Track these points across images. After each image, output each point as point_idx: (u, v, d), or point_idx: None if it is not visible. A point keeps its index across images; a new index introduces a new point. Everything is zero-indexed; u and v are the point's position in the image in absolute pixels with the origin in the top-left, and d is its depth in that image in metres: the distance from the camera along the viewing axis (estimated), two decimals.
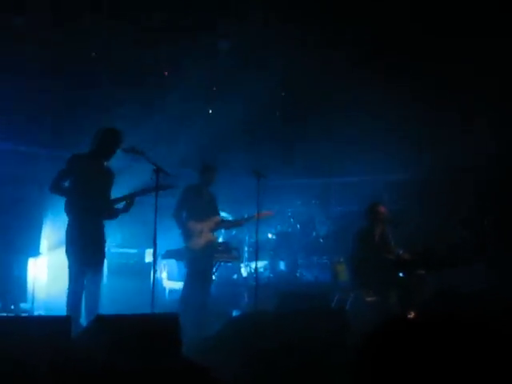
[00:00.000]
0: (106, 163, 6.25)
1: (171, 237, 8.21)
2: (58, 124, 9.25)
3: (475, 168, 9.78)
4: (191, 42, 10.00)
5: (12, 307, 7.23)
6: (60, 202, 6.20)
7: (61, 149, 9.45)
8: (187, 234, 7.49)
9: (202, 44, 10.10)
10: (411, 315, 6.70)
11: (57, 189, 6.03)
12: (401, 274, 7.49)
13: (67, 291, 5.97)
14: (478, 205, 9.65)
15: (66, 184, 6.07)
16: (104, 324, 3.88)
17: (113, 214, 6.23)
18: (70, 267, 5.97)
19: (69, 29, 9.00)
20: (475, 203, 9.69)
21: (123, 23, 9.30)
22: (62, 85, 9.27)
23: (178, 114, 10.43)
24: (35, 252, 7.57)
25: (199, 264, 7.49)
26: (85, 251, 5.92)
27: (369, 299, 7.26)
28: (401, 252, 7.60)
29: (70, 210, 6.00)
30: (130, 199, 6.19)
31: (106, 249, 6.58)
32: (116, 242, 8.65)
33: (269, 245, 10.79)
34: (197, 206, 7.57)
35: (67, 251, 5.96)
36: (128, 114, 9.05)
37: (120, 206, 6.26)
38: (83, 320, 5.84)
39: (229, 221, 8.60)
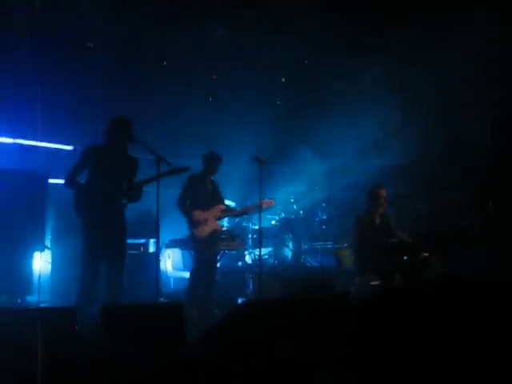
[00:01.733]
0: (124, 152, 6.23)
1: (175, 226, 8.23)
2: (58, 117, 9.24)
3: (477, 151, 9.75)
4: (190, 30, 10.00)
5: (18, 301, 7.26)
6: (63, 195, 6.21)
7: (62, 142, 9.49)
8: (192, 223, 7.51)
9: (202, 32, 10.09)
10: None
11: (71, 184, 6.05)
12: (404, 258, 7.48)
13: (79, 282, 6.00)
14: (481, 188, 9.63)
15: (80, 178, 6.08)
16: (109, 314, 3.91)
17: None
18: (83, 259, 5.98)
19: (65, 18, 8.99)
20: (478, 187, 9.66)
21: (121, 12, 9.29)
22: (62, 78, 9.26)
23: (178, 102, 10.42)
24: (40, 246, 7.59)
25: (205, 252, 7.53)
26: (99, 241, 5.95)
27: (373, 284, 7.27)
28: (404, 235, 7.60)
29: (78, 204, 6.00)
30: (138, 187, 6.17)
31: None
32: None
33: (272, 232, 10.79)
34: (201, 195, 7.60)
35: (83, 242, 5.97)
36: (127, 104, 9.05)
37: None
38: None
39: (233, 209, 8.62)
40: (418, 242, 7.45)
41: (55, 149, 9.76)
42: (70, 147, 9.92)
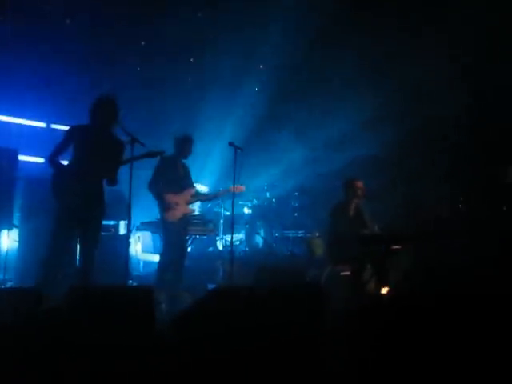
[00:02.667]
0: (111, 134, 6.08)
1: (146, 209, 8.15)
2: (24, 92, 9.06)
3: (452, 142, 9.82)
4: (169, 10, 9.89)
5: None
6: (34, 173, 6.08)
7: (30, 118, 9.32)
8: (163, 206, 7.43)
9: (180, 12, 9.99)
10: (385, 291, 6.74)
11: (52, 162, 5.81)
12: (376, 249, 7.51)
13: (45, 261, 5.84)
14: (454, 179, 9.69)
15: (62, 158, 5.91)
16: (76, 295, 3.82)
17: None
18: (53, 237, 5.81)
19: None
20: (452, 178, 9.73)
21: None
22: (37, 54, 9.09)
23: (154, 84, 10.31)
24: (7, 224, 7.44)
25: (175, 236, 7.45)
26: (75, 222, 5.80)
27: (343, 274, 7.27)
28: (376, 227, 7.61)
29: (55, 184, 5.81)
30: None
31: None
32: None
33: (244, 218, 10.78)
34: (172, 178, 7.52)
35: (56, 223, 5.79)
36: (102, 82, 8.92)
37: None
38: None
39: (204, 194, 8.58)
40: (390, 234, 7.47)
41: (28, 126, 9.60)
42: (43, 124, 9.78)
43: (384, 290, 6.82)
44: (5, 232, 7.54)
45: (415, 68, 9.56)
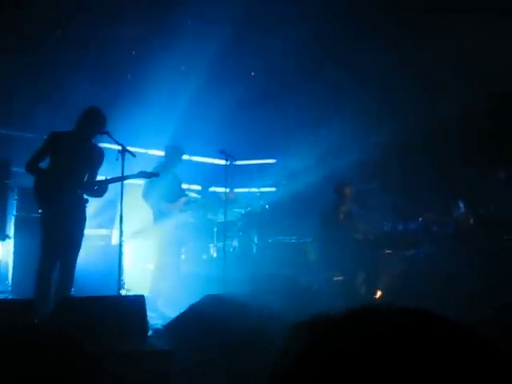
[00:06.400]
0: (91, 143, 6.03)
1: (138, 217, 8.16)
2: (19, 103, 9.04)
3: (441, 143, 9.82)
4: (159, 21, 9.92)
5: None
6: (29, 183, 6.07)
7: (23, 129, 9.30)
8: (157, 215, 7.47)
9: (169, 23, 10.02)
10: (377, 295, 6.80)
11: (31, 169, 5.81)
12: (367, 254, 7.56)
13: (36, 274, 5.87)
14: (446, 184, 9.70)
15: (42, 164, 5.90)
16: (69, 306, 3.85)
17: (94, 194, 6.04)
18: (41, 250, 5.85)
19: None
20: (444, 182, 9.73)
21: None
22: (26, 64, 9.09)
23: (144, 94, 10.32)
24: (1, 235, 7.43)
25: (169, 244, 7.50)
26: (57, 233, 5.78)
27: (336, 279, 7.32)
28: (368, 232, 7.67)
29: (37, 191, 5.85)
30: (105, 184, 5.96)
31: None
32: None
33: (237, 225, 10.78)
34: (165, 187, 7.55)
35: (41, 233, 5.83)
36: (95, 95, 8.92)
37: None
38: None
39: (196, 201, 8.61)
40: (381, 238, 7.54)
41: (24, 136, 9.55)
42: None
43: (377, 295, 6.88)
44: None
45: (416, 66, 9.54)
